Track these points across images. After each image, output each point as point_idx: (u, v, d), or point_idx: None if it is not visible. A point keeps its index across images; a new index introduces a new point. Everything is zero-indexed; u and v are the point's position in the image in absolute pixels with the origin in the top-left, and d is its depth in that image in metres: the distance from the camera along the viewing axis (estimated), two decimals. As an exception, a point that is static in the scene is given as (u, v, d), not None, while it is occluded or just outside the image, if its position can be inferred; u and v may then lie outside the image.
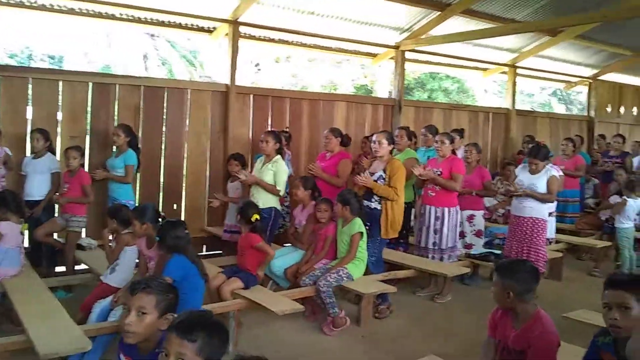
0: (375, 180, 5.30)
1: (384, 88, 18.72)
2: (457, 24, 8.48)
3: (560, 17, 8.36)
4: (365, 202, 5.27)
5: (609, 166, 8.98)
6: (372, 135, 7.41)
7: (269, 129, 7.06)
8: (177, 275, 3.63)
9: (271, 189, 5.67)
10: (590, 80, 12.21)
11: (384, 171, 5.32)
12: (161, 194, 6.99)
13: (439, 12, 8.02)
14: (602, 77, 12.24)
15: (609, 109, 12.78)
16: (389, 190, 5.22)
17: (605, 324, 2.55)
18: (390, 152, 5.49)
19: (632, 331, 2.35)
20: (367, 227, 5.15)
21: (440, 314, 5.45)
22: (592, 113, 12.44)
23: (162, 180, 7.02)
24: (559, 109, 23.58)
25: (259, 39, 7.88)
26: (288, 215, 6.74)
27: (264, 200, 5.63)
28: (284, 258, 5.35)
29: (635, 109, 13.57)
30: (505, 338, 3.03)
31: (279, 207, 5.83)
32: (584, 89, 12.88)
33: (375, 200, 5.32)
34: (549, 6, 8.35)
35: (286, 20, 7.50)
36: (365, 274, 5.22)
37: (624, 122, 13.11)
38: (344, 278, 4.92)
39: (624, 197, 6.97)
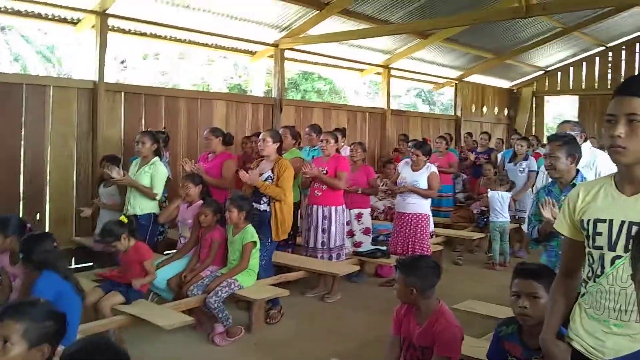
0: (264, 180, 5.12)
1: (259, 87, 18.58)
2: (335, 24, 8.54)
3: (431, 19, 8.72)
4: (254, 205, 5.07)
5: (479, 161, 9.54)
6: (253, 135, 7.25)
7: (145, 129, 6.58)
8: (49, 294, 3.18)
9: (148, 192, 5.26)
10: (456, 82, 12.97)
11: (272, 171, 5.17)
12: (21, 203, 6.25)
13: (318, 11, 8.01)
14: (467, 79, 13.05)
15: (473, 109, 13.66)
16: (277, 190, 5.07)
17: (514, 312, 2.59)
18: (278, 150, 5.34)
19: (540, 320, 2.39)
20: (257, 230, 4.94)
21: (331, 313, 5.41)
22: (459, 112, 13.23)
23: (22, 188, 6.27)
24: (423, 109, 24.89)
25: (130, 32, 7.36)
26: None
27: (142, 206, 5.26)
28: (165, 267, 4.96)
29: (496, 109, 14.66)
30: (410, 335, 3.02)
31: (158, 213, 5.44)
32: (450, 90, 13.65)
33: (264, 202, 5.16)
34: (420, 9, 8.69)
35: (159, 13, 7.06)
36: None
37: (487, 121, 14.10)
38: (235, 290, 4.68)
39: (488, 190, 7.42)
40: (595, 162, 3.82)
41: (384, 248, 6.25)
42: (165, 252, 5.72)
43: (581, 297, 1.99)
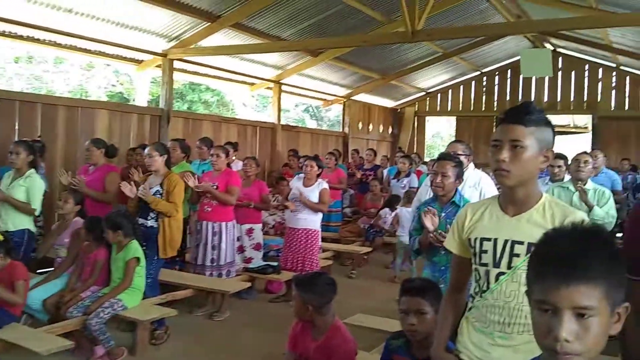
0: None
1: (143, 97, 17.88)
2: (227, 37, 8.47)
3: (323, 38, 8.93)
4: (141, 220, 4.85)
5: (365, 177, 9.83)
6: (139, 147, 6.97)
7: (19, 139, 6.07)
8: None
9: (24, 208, 4.86)
10: (345, 99, 13.33)
11: (161, 186, 4.97)
12: None
13: (209, 23, 7.90)
14: (355, 97, 13.47)
15: (360, 126, 14.11)
16: (169, 205, 4.89)
17: (403, 328, 2.67)
18: (166, 163, 5.16)
19: (428, 334, 2.48)
20: (143, 247, 4.72)
21: (221, 332, 5.27)
22: (347, 129, 13.59)
23: None
24: (311, 124, 25.31)
25: (5, 35, 6.80)
26: (41, 237, 5.88)
27: (15, 222, 4.86)
28: (40, 287, 4.59)
29: (381, 127, 15.25)
30: (306, 351, 3.02)
31: (33, 229, 5.04)
32: (338, 107, 14.01)
33: (152, 218, 4.95)
34: (312, 28, 8.86)
35: (40, 16, 6.61)
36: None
37: (373, 138, 14.63)
38: (118, 311, 4.43)
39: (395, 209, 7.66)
40: (480, 183, 4.07)
41: (275, 264, 6.22)
42: (38, 271, 5.29)
43: (468, 311, 2.09)
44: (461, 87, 15.11)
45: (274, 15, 8.31)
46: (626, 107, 13.32)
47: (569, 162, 5.38)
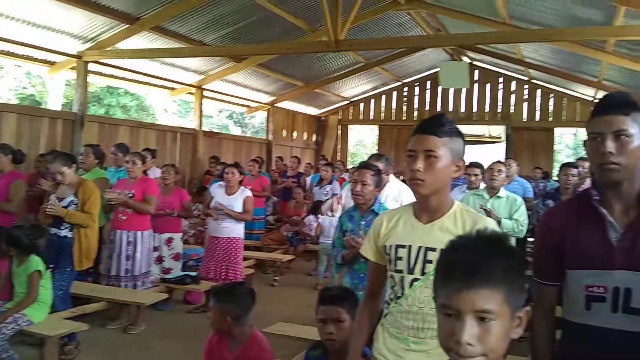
0: (66, 206, 4.66)
1: (56, 100, 17.09)
2: (146, 40, 8.22)
3: (246, 44, 8.85)
4: (54, 230, 4.59)
5: (288, 184, 9.81)
6: (49, 153, 6.61)
7: None
8: None
9: None
10: (269, 106, 13.28)
11: (75, 195, 4.72)
12: None
13: (128, 25, 7.64)
14: (279, 104, 13.45)
15: (284, 133, 14.09)
16: (84, 216, 4.66)
17: (321, 337, 2.65)
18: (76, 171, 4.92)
19: (346, 342, 2.47)
20: (56, 258, 4.47)
21: (136, 345, 5.07)
22: (270, 136, 13.53)
23: None
24: (235, 131, 25.09)
25: None
26: None
27: None
28: None
29: (305, 134, 15.30)
30: (223, 363, 2.93)
31: None
32: (262, 114, 13.93)
33: (66, 228, 4.69)
34: (235, 33, 8.76)
35: None
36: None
37: (297, 146, 14.65)
38: (23, 326, 4.16)
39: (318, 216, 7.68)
40: (401, 195, 4.14)
41: (194, 273, 6.05)
42: None
43: (384, 317, 2.10)
44: (383, 96, 15.44)
45: (196, 19, 8.16)
46: (537, 118, 14.06)
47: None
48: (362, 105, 15.68)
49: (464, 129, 14.44)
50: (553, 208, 2.15)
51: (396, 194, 4.13)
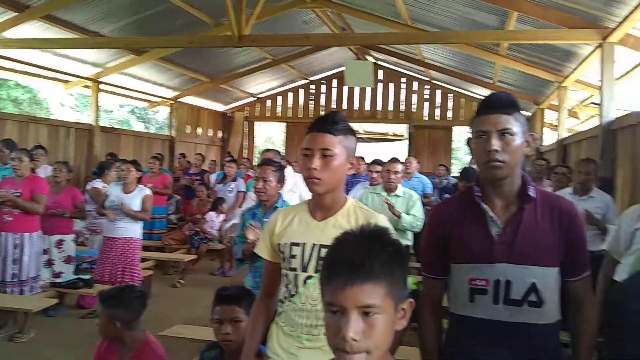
0: None
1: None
2: (37, 29, 7.70)
3: (146, 37, 8.52)
4: None
5: (191, 182, 9.57)
6: None
7: None
8: None
9: None
10: (172, 102, 12.88)
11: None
12: None
13: (16, 14, 7.13)
14: (182, 100, 13.08)
15: (187, 129, 13.73)
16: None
17: (217, 338, 2.59)
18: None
19: (243, 343, 2.42)
20: None
21: (25, 354, 4.75)
22: (173, 132, 13.14)
23: None
24: (138, 126, 24.23)
25: None
26: None
27: None
28: None
29: (210, 131, 14.99)
30: (112, 372, 2.79)
31: None
32: (166, 110, 13.50)
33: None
34: (134, 25, 8.40)
35: None
36: None
37: (201, 142, 14.32)
38: None
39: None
40: (297, 185, 4.13)
41: (87, 277, 5.75)
42: None
43: (278, 316, 2.09)
44: (290, 93, 15.44)
45: (92, 9, 7.74)
46: (437, 117, 14.63)
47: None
48: (269, 102, 15.60)
49: (369, 127, 14.75)
50: (441, 203, 2.22)
51: (292, 185, 4.13)
